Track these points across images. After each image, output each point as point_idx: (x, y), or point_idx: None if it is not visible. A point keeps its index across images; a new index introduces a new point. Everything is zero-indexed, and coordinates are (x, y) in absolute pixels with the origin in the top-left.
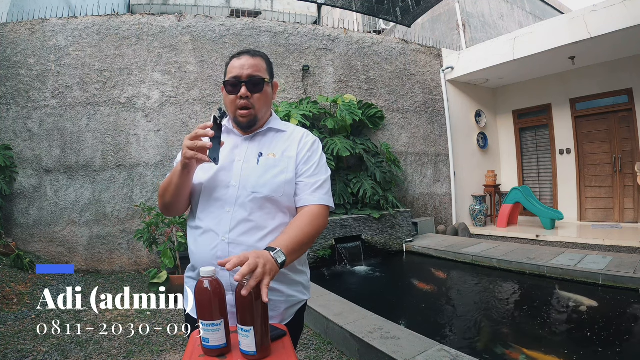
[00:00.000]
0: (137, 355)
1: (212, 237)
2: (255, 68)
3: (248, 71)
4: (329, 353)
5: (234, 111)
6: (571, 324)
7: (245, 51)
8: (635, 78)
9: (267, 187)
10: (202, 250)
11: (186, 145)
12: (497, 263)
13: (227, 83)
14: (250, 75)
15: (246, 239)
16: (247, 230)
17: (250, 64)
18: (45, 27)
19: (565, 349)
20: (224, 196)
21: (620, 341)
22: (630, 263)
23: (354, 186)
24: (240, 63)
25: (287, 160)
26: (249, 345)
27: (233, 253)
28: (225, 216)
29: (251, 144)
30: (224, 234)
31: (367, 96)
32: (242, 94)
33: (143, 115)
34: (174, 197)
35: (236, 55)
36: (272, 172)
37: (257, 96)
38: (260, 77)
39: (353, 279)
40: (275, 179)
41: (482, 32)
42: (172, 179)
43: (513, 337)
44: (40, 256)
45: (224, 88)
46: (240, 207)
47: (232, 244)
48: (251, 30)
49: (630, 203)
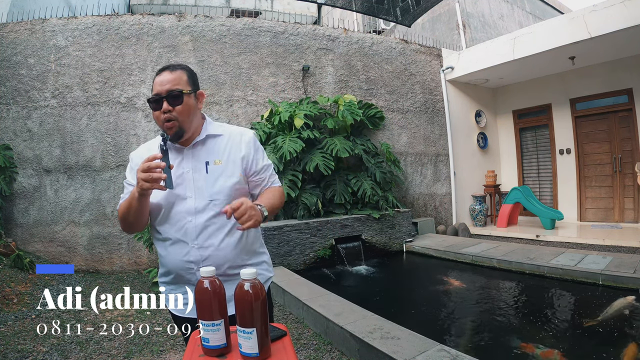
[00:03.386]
0: (137, 355)
1: (181, 245)
2: (173, 82)
3: (167, 86)
4: (329, 353)
5: (161, 125)
6: (571, 324)
7: (165, 67)
8: (635, 78)
9: (222, 193)
10: (175, 258)
11: (141, 178)
12: (497, 263)
13: (150, 100)
14: (169, 89)
15: (212, 240)
16: (211, 233)
17: (168, 79)
18: (45, 27)
19: (565, 349)
20: (182, 208)
21: (621, 341)
22: (630, 263)
23: (354, 186)
24: (160, 79)
25: (232, 164)
26: (250, 347)
27: (204, 255)
28: (188, 225)
29: (195, 153)
30: (192, 241)
31: (367, 96)
32: (164, 109)
33: (143, 115)
34: (135, 219)
35: (158, 72)
36: (222, 178)
37: (178, 109)
38: (179, 90)
39: (353, 279)
40: (226, 184)
41: (482, 32)
42: (130, 204)
43: (513, 337)
44: (40, 256)
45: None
46: (200, 215)
47: (202, 248)
48: (251, 30)
49: (630, 203)
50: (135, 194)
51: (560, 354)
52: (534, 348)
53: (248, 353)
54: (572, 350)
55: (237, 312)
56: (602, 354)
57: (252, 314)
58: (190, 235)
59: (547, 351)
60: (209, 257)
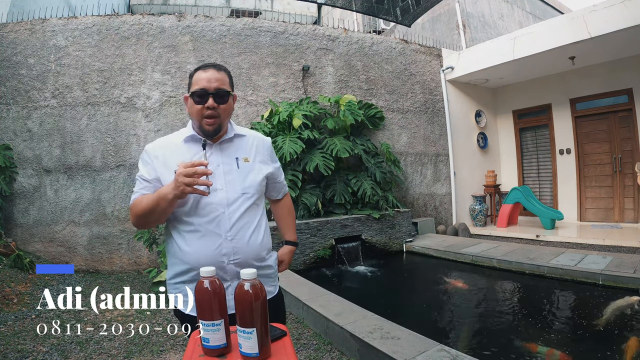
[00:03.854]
0: (137, 355)
1: (214, 238)
2: (221, 81)
3: (215, 84)
4: (329, 353)
5: (199, 120)
6: (571, 324)
7: (211, 65)
8: (635, 78)
9: (252, 187)
10: (204, 252)
11: (184, 182)
12: (497, 263)
13: (195, 94)
14: (218, 88)
15: (244, 233)
16: (242, 226)
17: (216, 77)
18: (45, 27)
19: (565, 349)
20: (214, 199)
21: (621, 341)
22: (630, 263)
23: (354, 186)
24: (207, 76)
25: (259, 164)
26: (251, 347)
27: (236, 248)
28: (222, 217)
29: (223, 150)
30: (225, 232)
31: (367, 96)
32: (209, 104)
33: (143, 115)
34: (158, 218)
35: (202, 68)
36: (252, 174)
37: (222, 107)
38: (226, 90)
39: (353, 279)
40: (255, 180)
41: (482, 32)
42: (157, 203)
43: (513, 337)
44: (40, 256)
45: (190, 98)
46: (232, 207)
47: (234, 240)
48: (251, 30)
49: (630, 203)
50: (168, 195)
51: (562, 354)
52: (535, 347)
53: (248, 353)
54: (572, 350)
55: (237, 312)
56: (604, 353)
57: (252, 314)
58: (224, 226)
59: (547, 350)
60: (240, 249)
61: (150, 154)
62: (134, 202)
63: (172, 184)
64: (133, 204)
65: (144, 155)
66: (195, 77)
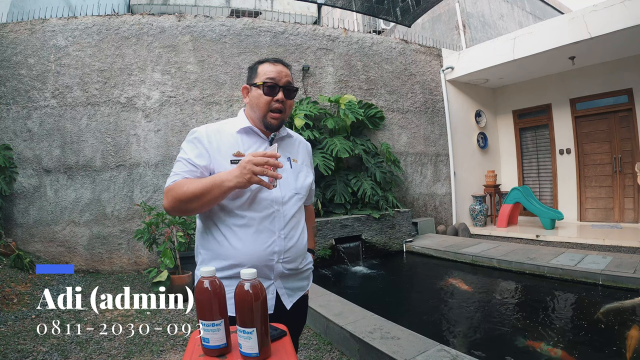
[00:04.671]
0: (137, 355)
1: (268, 234)
2: (290, 77)
3: (286, 79)
4: (329, 353)
5: (265, 112)
6: (571, 324)
7: (279, 60)
8: (635, 78)
9: (304, 188)
10: (256, 248)
11: (253, 171)
12: (497, 263)
13: (266, 85)
14: (289, 82)
15: (294, 232)
16: (294, 225)
17: (286, 72)
18: (45, 27)
19: (565, 349)
20: (269, 195)
21: (620, 340)
22: (630, 263)
23: (354, 186)
24: (278, 69)
25: (306, 167)
26: (251, 347)
27: (287, 246)
28: (277, 214)
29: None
30: (279, 230)
31: (367, 96)
32: (279, 98)
33: (143, 115)
34: (205, 204)
35: (270, 61)
36: (302, 175)
37: (289, 102)
38: (295, 87)
39: (353, 278)
40: (305, 182)
41: (482, 32)
42: (210, 190)
43: (513, 336)
44: (40, 256)
45: (256, 89)
46: (286, 206)
47: (287, 238)
48: (251, 30)
49: (630, 203)
50: (227, 183)
51: (563, 353)
52: (535, 347)
53: (248, 353)
54: (572, 350)
55: (237, 312)
56: (604, 353)
57: (252, 314)
58: (279, 224)
59: (547, 350)
60: (291, 248)
61: (204, 138)
62: (176, 184)
63: (235, 172)
64: (174, 185)
65: (196, 138)
66: (261, 68)
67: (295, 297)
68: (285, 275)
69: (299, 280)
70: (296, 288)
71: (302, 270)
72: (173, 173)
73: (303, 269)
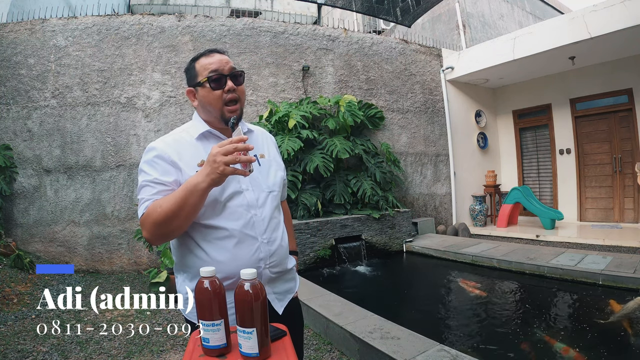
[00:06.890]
0: (137, 355)
1: (250, 242)
2: (231, 63)
3: (228, 65)
4: (329, 353)
5: (220, 108)
6: (571, 324)
7: (213, 49)
8: (635, 78)
9: (277, 184)
10: (242, 258)
11: (224, 162)
12: (497, 263)
13: (210, 80)
14: (233, 67)
15: (276, 234)
16: (274, 226)
17: (226, 59)
18: (45, 27)
19: (565, 348)
20: (242, 201)
21: (621, 340)
22: (630, 263)
23: (354, 186)
24: (218, 58)
25: (274, 162)
26: (251, 347)
27: (271, 251)
28: (255, 219)
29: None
30: (260, 235)
31: (367, 96)
32: (229, 87)
33: (143, 115)
34: (188, 218)
35: (205, 54)
36: (272, 171)
37: (240, 88)
38: (241, 70)
39: (353, 279)
40: (277, 177)
41: (482, 32)
42: (186, 200)
43: (513, 336)
44: (40, 256)
45: (202, 88)
46: (263, 208)
47: (270, 242)
48: (251, 30)
49: (630, 203)
50: (201, 184)
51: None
52: (535, 346)
53: (248, 353)
54: (572, 350)
55: (237, 312)
56: (604, 353)
57: (252, 314)
58: (259, 229)
59: (547, 350)
60: (275, 252)
61: (164, 153)
62: (148, 211)
63: (205, 170)
64: (146, 213)
65: (155, 155)
66: (199, 65)
67: (285, 300)
68: (272, 279)
69: (286, 282)
70: (284, 291)
71: (288, 270)
72: (142, 200)
73: (288, 269)
